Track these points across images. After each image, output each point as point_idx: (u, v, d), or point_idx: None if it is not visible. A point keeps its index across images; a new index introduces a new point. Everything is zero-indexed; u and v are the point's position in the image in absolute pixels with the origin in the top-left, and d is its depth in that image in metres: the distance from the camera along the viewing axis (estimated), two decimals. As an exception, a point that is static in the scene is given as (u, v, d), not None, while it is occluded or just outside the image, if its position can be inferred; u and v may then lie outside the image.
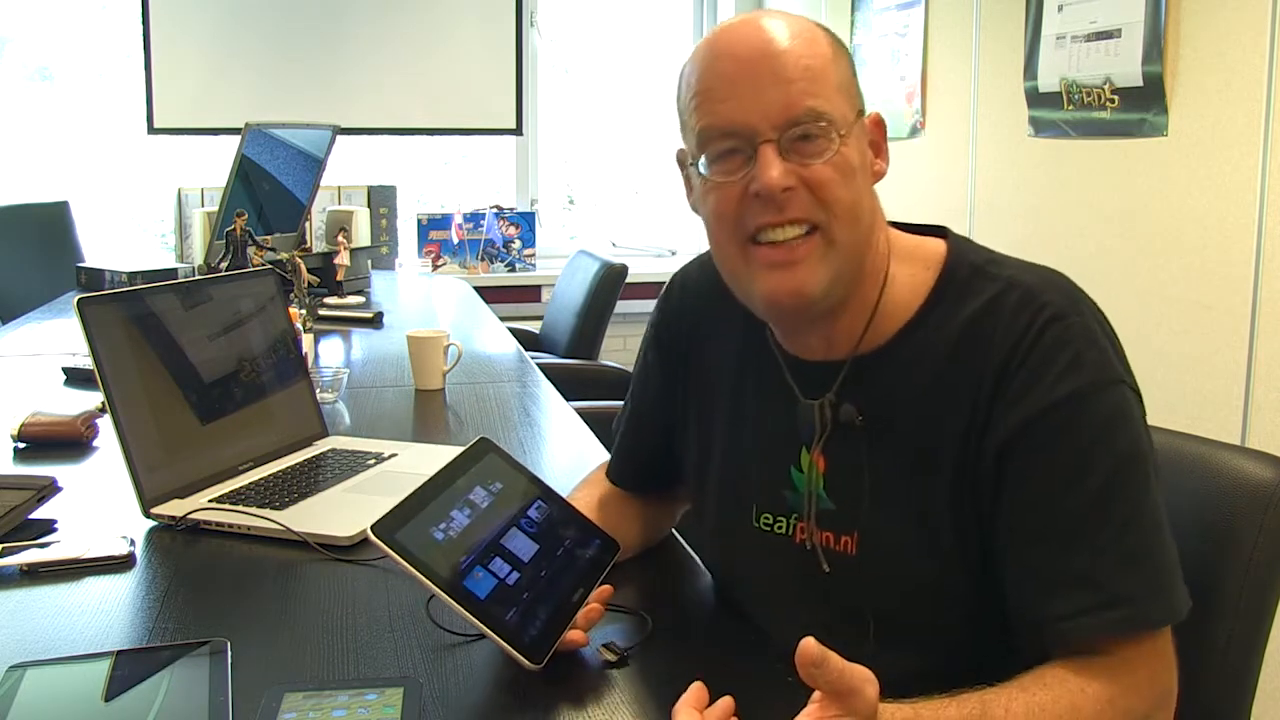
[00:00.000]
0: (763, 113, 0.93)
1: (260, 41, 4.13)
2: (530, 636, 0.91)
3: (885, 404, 0.99)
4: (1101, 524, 0.88)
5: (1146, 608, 0.88)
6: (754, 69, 0.93)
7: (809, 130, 0.93)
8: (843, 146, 0.94)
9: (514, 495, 1.04)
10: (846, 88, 0.97)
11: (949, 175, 3.15)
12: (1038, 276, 0.97)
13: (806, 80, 0.93)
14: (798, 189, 0.93)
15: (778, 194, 0.92)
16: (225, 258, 2.77)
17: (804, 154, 0.93)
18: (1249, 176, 2.07)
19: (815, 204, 0.94)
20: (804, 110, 0.92)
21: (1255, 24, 2.05)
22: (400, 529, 0.91)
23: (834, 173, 0.94)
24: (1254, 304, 2.07)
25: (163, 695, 0.85)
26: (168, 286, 1.43)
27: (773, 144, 0.93)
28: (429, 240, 4.39)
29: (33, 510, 1.29)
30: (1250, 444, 2.04)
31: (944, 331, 0.97)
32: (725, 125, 0.94)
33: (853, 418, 0.99)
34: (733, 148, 0.94)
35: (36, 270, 3.64)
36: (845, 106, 0.95)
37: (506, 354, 2.51)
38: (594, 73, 4.77)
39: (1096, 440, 0.90)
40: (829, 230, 0.94)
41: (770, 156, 0.92)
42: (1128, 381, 0.93)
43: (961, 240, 1.04)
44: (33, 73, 4.29)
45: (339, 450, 1.54)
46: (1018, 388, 0.92)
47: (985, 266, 0.98)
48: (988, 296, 0.96)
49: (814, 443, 1.02)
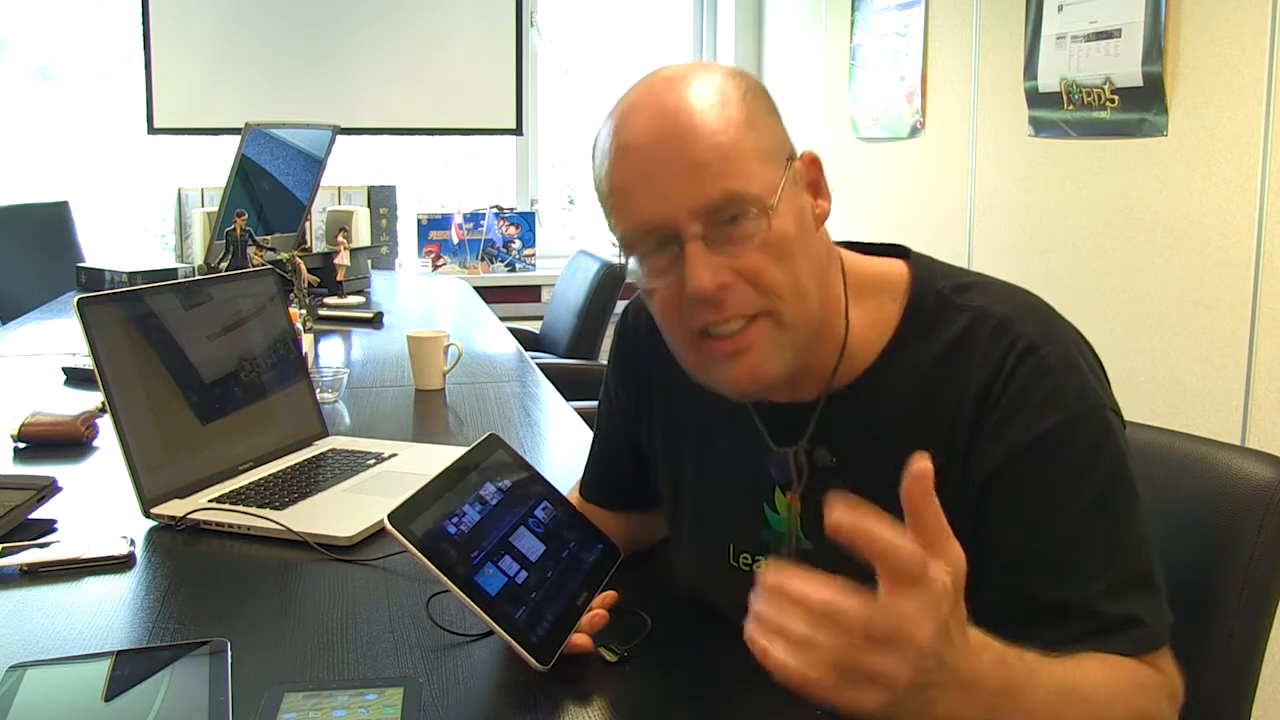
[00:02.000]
0: (679, 206, 0.87)
1: (260, 41, 4.13)
2: (538, 637, 0.91)
3: (858, 442, 0.96)
4: (1092, 551, 0.88)
5: (1153, 629, 0.87)
6: (662, 160, 0.87)
7: (735, 214, 0.87)
8: (775, 222, 0.88)
9: (522, 494, 1.04)
10: (768, 150, 0.90)
11: (949, 175, 3.15)
12: (1010, 304, 0.94)
13: (720, 162, 0.86)
14: (734, 283, 0.88)
15: (713, 294, 0.88)
16: (225, 258, 2.77)
17: (734, 240, 0.88)
18: (1249, 176, 2.07)
19: (756, 294, 0.89)
20: (721, 195, 0.87)
21: (1255, 24, 2.05)
22: (415, 520, 0.90)
23: (768, 257, 0.88)
24: (1254, 304, 2.07)
25: (163, 695, 0.85)
26: (168, 286, 1.43)
27: (698, 240, 0.87)
28: (429, 240, 4.39)
29: (33, 510, 1.29)
30: (1250, 444, 2.04)
31: (915, 365, 0.94)
32: (646, 225, 0.89)
33: (826, 460, 0.97)
34: (656, 246, 0.89)
35: (36, 270, 3.64)
36: (769, 172, 0.89)
37: (506, 354, 2.51)
38: (594, 73, 4.77)
39: (1081, 469, 0.88)
40: (776, 313, 0.90)
41: (697, 256, 0.87)
42: (1108, 404, 0.92)
43: (924, 262, 1.00)
44: (33, 73, 4.29)
45: (339, 450, 1.54)
46: (997, 423, 0.90)
47: (952, 296, 0.95)
48: (959, 329, 0.93)
49: (791, 488, 0.99)
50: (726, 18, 4.57)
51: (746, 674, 0.96)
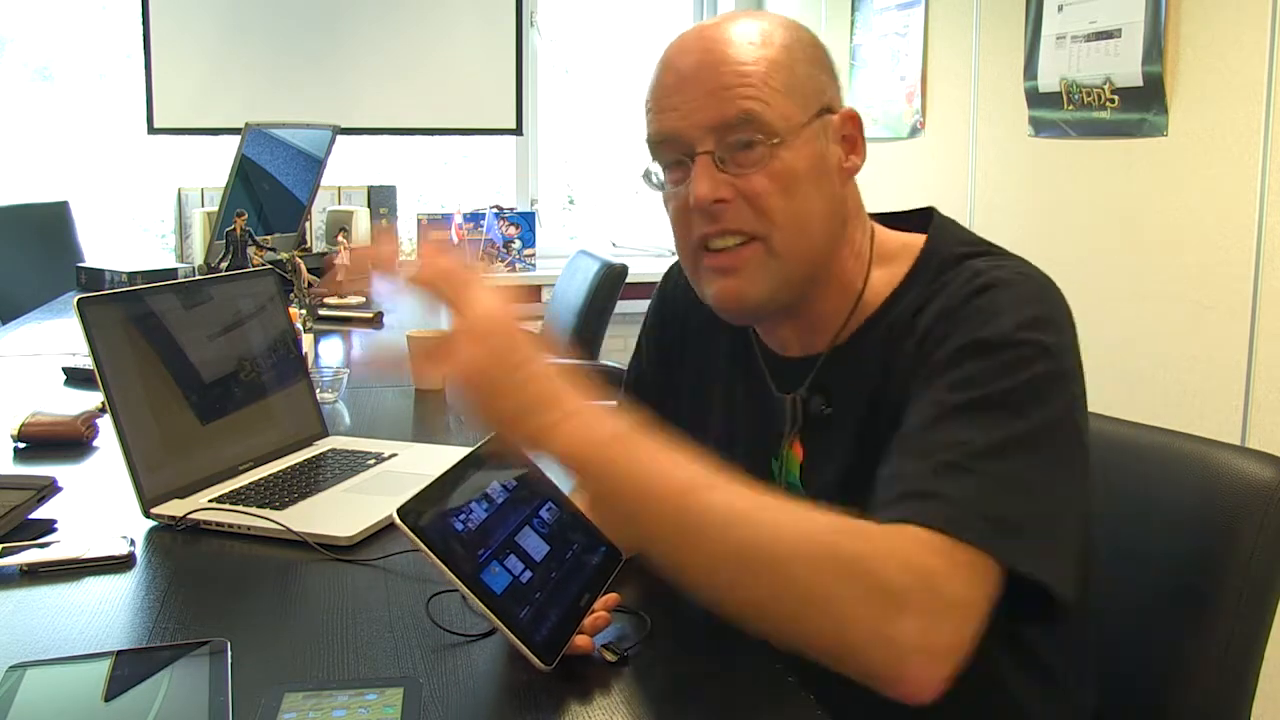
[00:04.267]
0: (696, 122, 0.93)
1: (260, 41, 4.13)
2: (541, 637, 0.91)
3: (851, 394, 1.00)
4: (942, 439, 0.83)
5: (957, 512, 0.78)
6: (691, 78, 0.94)
7: (748, 138, 0.92)
8: (782, 152, 0.92)
9: (527, 494, 1.04)
10: (799, 89, 0.95)
11: (949, 175, 3.15)
12: (1009, 270, 0.94)
13: (742, 84, 0.92)
14: (734, 201, 0.93)
15: (710, 207, 0.92)
16: (225, 258, 2.77)
17: (741, 164, 0.93)
18: (1249, 176, 2.07)
19: (753, 215, 0.93)
20: (736, 115, 0.92)
21: (1255, 24, 2.05)
22: (423, 516, 0.90)
23: (771, 183, 0.93)
24: (1254, 304, 2.07)
25: (163, 695, 0.85)
26: (168, 286, 1.43)
27: (708, 155, 0.93)
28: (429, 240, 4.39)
29: (33, 510, 1.29)
30: (1250, 444, 2.04)
31: (902, 316, 0.97)
32: (665, 134, 0.97)
33: (820, 409, 1.01)
34: (676, 158, 0.96)
35: (36, 270, 3.64)
36: (793, 109, 0.93)
37: (506, 354, 2.50)
38: (594, 73, 4.77)
39: (973, 379, 0.85)
40: (769, 240, 0.94)
41: (703, 169, 0.93)
42: (1049, 344, 0.87)
43: (945, 227, 1.03)
44: (33, 73, 4.29)
45: (339, 450, 1.54)
46: (934, 342, 0.90)
47: (956, 261, 0.97)
48: (944, 280, 0.95)
49: (786, 435, 1.04)
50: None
51: (746, 674, 0.96)
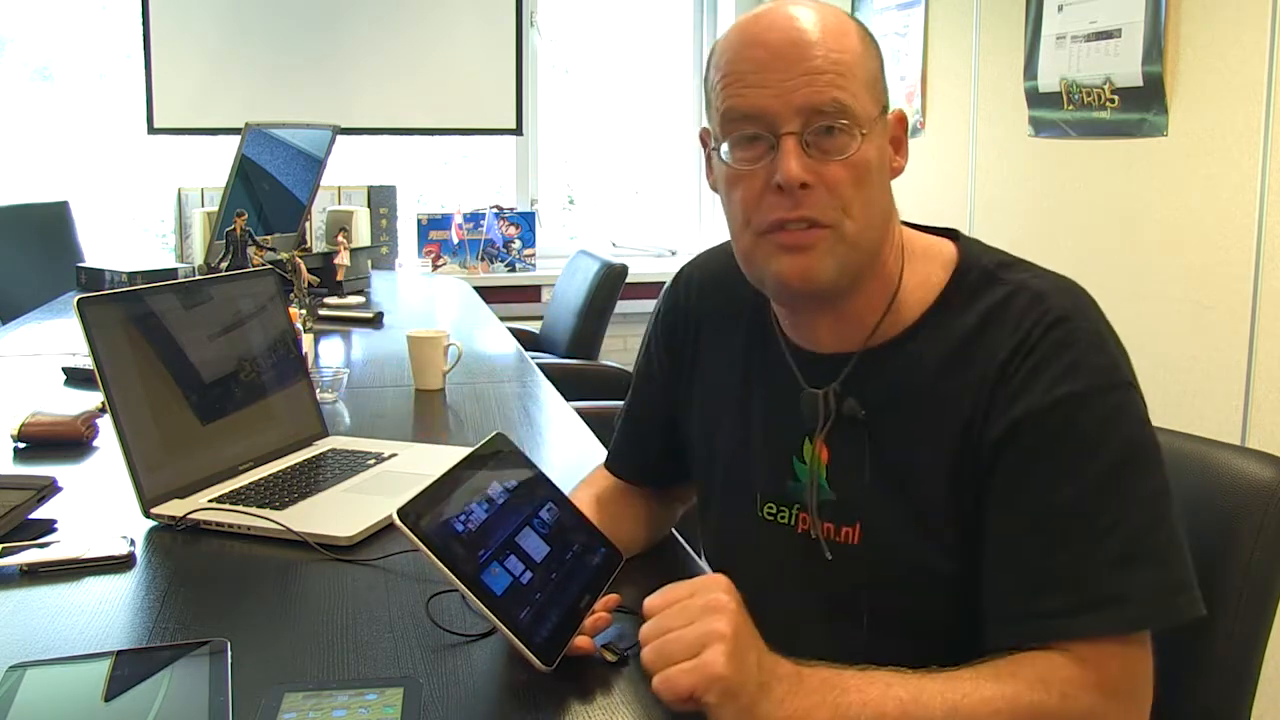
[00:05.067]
0: (788, 102, 0.92)
1: (260, 41, 4.13)
2: (542, 638, 0.91)
3: (889, 398, 0.99)
4: (1092, 524, 0.88)
5: (1139, 607, 0.86)
6: (784, 57, 0.93)
7: (832, 124, 0.93)
8: (864, 144, 0.94)
9: (527, 494, 1.04)
10: (873, 85, 0.97)
11: (949, 175, 3.15)
12: (1049, 282, 0.97)
13: (835, 73, 0.93)
14: (815, 187, 0.93)
15: (796, 189, 0.93)
16: (225, 258, 2.77)
17: (825, 150, 0.93)
18: (1249, 176, 2.07)
19: (830, 203, 0.94)
20: (829, 102, 0.92)
21: (1255, 24, 2.05)
22: (423, 517, 0.90)
23: (851, 173, 0.94)
24: (1254, 304, 2.07)
25: (163, 695, 0.85)
26: (168, 286, 1.43)
27: (795, 136, 0.93)
28: (429, 240, 4.39)
29: (33, 510, 1.29)
30: (1250, 444, 2.04)
31: (951, 330, 0.97)
32: (750, 110, 0.94)
33: (855, 410, 1.00)
34: (755, 134, 0.95)
35: (36, 270, 3.64)
36: (870, 103, 0.95)
37: (506, 354, 2.51)
38: (594, 73, 4.77)
39: (1092, 442, 0.89)
40: (840, 228, 0.95)
41: (791, 148, 0.93)
42: (1132, 383, 0.93)
43: (973, 243, 1.04)
44: (33, 73, 4.29)
45: (339, 450, 1.54)
46: (1018, 384, 0.92)
47: (996, 271, 0.99)
48: (997, 298, 0.96)
49: (816, 432, 1.02)
50: (726, 18, 4.57)
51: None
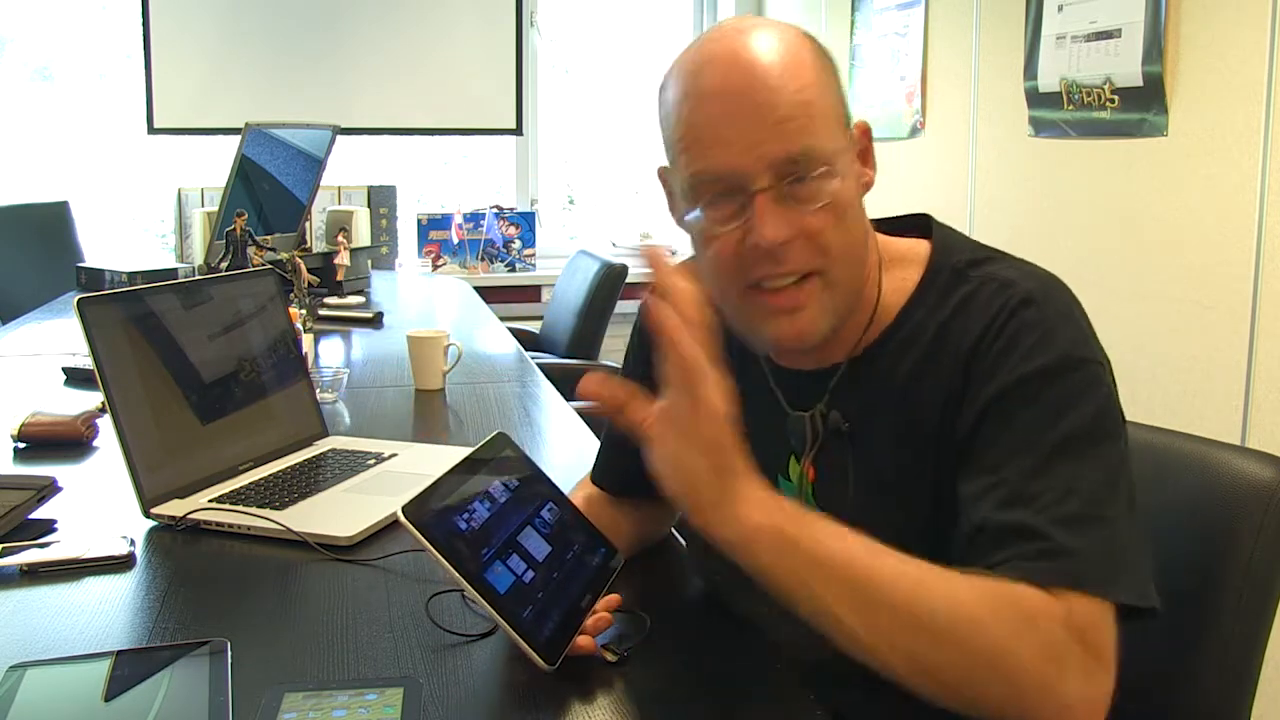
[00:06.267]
0: (759, 157, 0.88)
1: (260, 41, 4.13)
2: (544, 637, 0.91)
3: (868, 406, 0.99)
4: (1051, 485, 0.85)
5: (1086, 566, 0.82)
6: (745, 109, 0.88)
7: (805, 173, 0.89)
8: (835, 182, 0.91)
9: (528, 494, 1.04)
10: (836, 110, 0.93)
11: (949, 175, 3.15)
12: (1018, 270, 0.96)
13: (804, 117, 0.89)
14: (795, 239, 0.90)
15: (777, 249, 0.90)
16: (225, 258, 2.77)
17: (800, 199, 0.90)
18: (1249, 176, 2.07)
19: (813, 252, 0.91)
20: (800, 152, 0.89)
21: (1255, 24, 2.05)
22: (428, 515, 0.90)
23: (831, 218, 0.91)
24: (1254, 304, 2.07)
25: (163, 695, 0.85)
26: (168, 286, 1.43)
27: (768, 192, 0.89)
28: (429, 240, 4.39)
29: (33, 510, 1.29)
30: (1250, 444, 2.04)
31: (925, 329, 0.96)
32: (717, 172, 0.90)
33: (839, 424, 0.99)
34: (725, 193, 0.91)
35: (36, 270, 3.64)
36: (839, 134, 0.92)
37: (506, 354, 2.51)
38: (594, 73, 4.77)
39: (1059, 409, 0.88)
40: (828, 274, 0.93)
41: (766, 207, 0.89)
42: (1100, 359, 0.92)
43: (946, 236, 1.03)
44: (33, 73, 4.29)
45: (339, 450, 1.54)
46: (990, 365, 0.91)
47: (966, 269, 0.98)
48: (966, 292, 0.95)
49: (805, 453, 1.01)
50: (726, 17, 4.57)
51: (746, 674, 0.96)
